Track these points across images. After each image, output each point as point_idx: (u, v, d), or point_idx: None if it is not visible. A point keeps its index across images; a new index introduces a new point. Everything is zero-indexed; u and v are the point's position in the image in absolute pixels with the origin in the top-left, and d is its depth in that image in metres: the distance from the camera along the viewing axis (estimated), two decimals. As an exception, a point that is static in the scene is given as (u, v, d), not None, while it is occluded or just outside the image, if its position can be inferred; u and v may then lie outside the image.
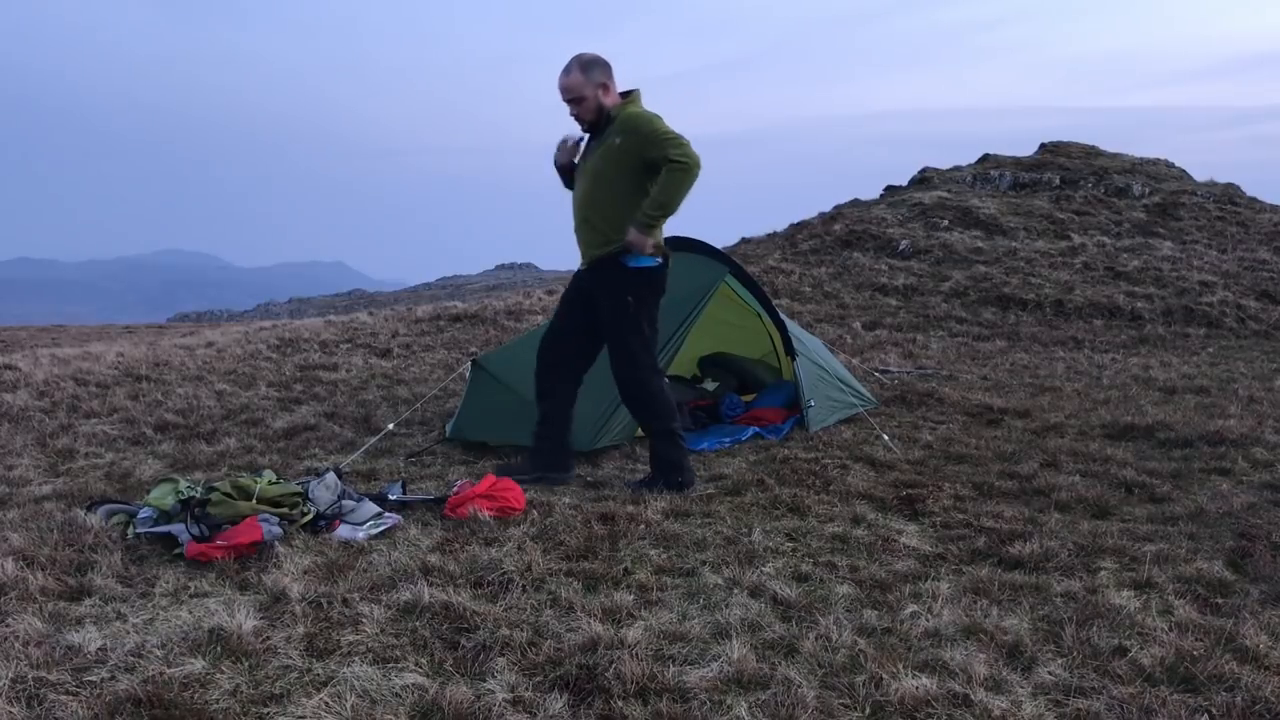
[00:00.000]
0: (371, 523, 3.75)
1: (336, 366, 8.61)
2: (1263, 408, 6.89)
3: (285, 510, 3.72)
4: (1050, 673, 2.61)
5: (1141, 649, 2.73)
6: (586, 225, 4.46)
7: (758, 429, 5.84)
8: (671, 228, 4.57)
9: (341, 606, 2.95)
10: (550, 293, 13.63)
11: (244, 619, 2.76)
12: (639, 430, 5.49)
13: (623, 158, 4.28)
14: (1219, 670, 2.56)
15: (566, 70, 4.27)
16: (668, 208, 4.22)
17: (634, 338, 4.43)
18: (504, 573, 3.23)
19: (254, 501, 3.68)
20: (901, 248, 16.30)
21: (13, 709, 2.30)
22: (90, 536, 3.49)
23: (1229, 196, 19.50)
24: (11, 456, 5.13)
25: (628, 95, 4.39)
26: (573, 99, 4.29)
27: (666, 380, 4.62)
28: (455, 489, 4.14)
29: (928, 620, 2.92)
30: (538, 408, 4.72)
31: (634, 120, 4.27)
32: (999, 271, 14.98)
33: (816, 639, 2.77)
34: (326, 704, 2.36)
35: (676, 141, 4.17)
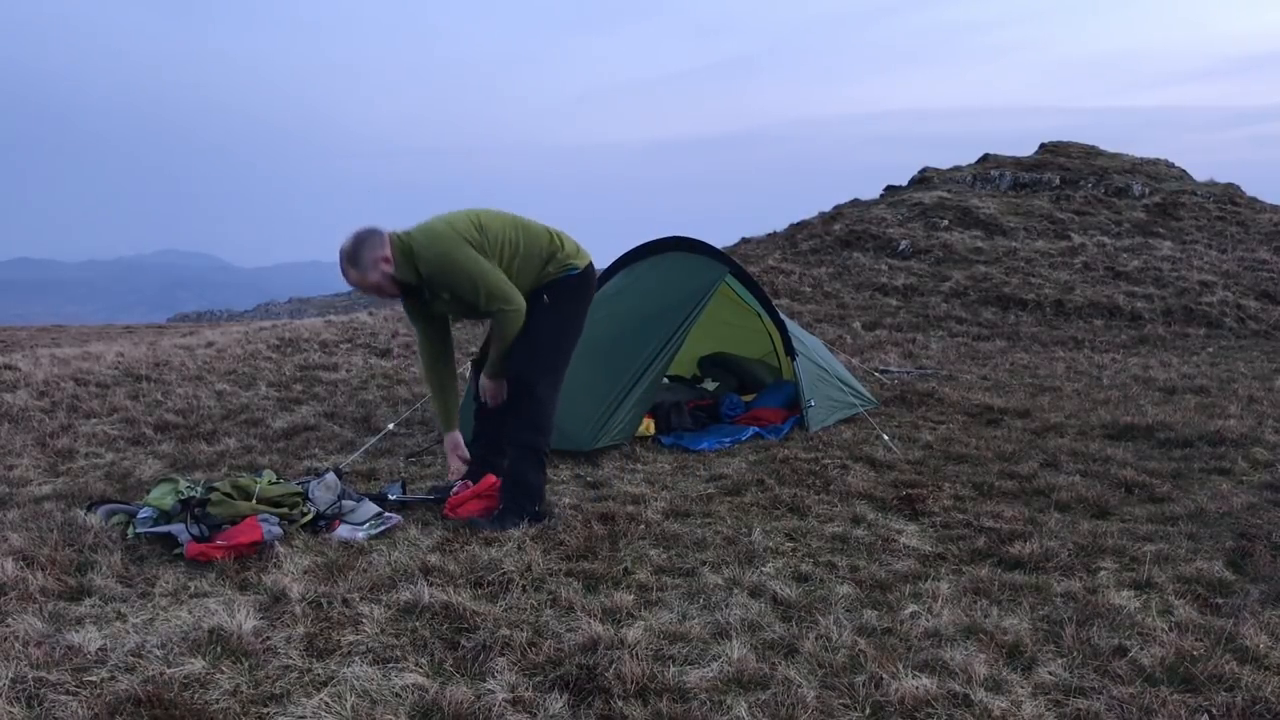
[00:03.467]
0: (371, 523, 3.75)
1: (336, 366, 8.62)
2: (1263, 408, 6.89)
3: (285, 510, 3.72)
4: (1050, 673, 2.61)
5: (1141, 649, 2.72)
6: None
7: (758, 429, 5.84)
8: (672, 229, 4.53)
9: (341, 606, 2.95)
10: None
11: (244, 619, 2.76)
12: (639, 429, 5.50)
13: (459, 302, 3.97)
14: (1219, 670, 2.56)
15: (344, 272, 3.86)
16: (506, 353, 4.00)
17: (541, 335, 4.03)
18: (504, 573, 3.23)
19: (254, 501, 3.68)
20: (901, 248, 16.30)
21: (13, 709, 2.30)
22: (90, 536, 3.49)
23: (1229, 196, 19.51)
24: (11, 456, 5.13)
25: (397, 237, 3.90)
26: (372, 291, 3.92)
27: (557, 402, 4.13)
28: (455, 489, 4.14)
29: (928, 620, 2.92)
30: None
31: (437, 273, 3.87)
32: (999, 271, 14.99)
33: (816, 639, 2.77)
34: (326, 704, 2.36)
35: (491, 294, 3.86)
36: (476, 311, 4.02)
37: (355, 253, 3.81)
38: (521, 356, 4.01)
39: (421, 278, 3.90)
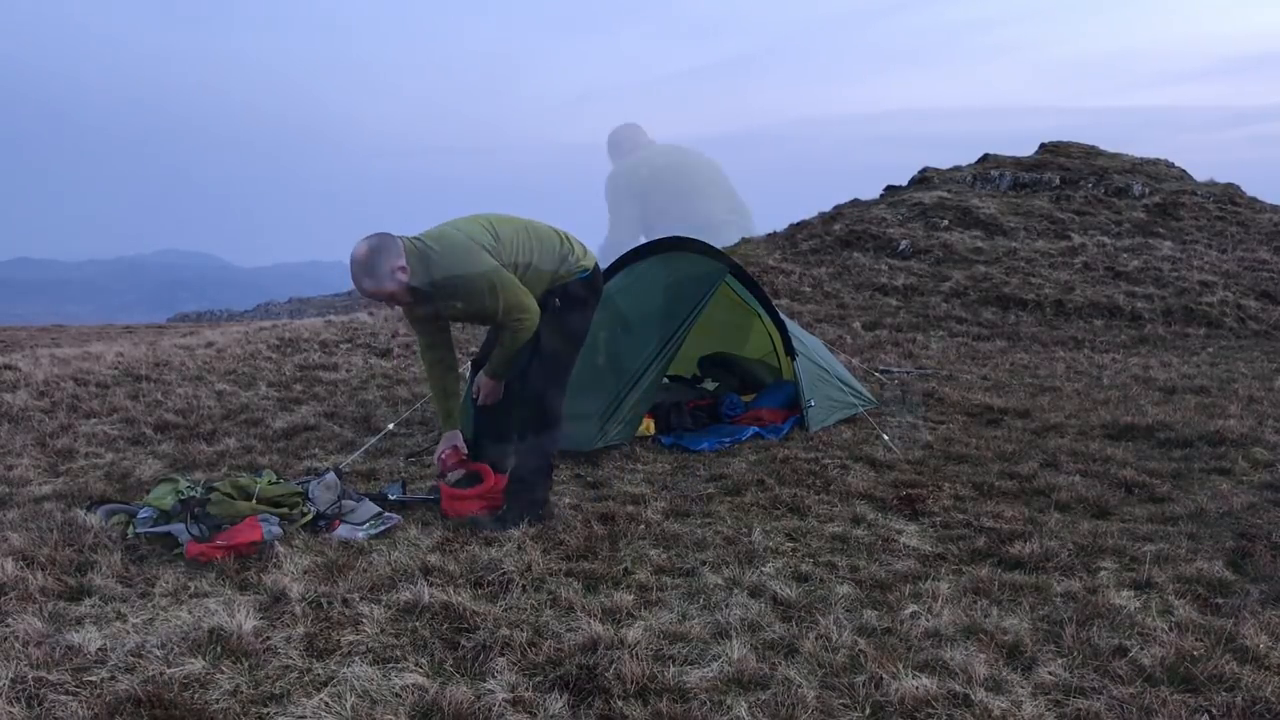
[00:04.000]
0: (371, 523, 3.76)
1: (336, 366, 8.61)
2: (1263, 408, 6.89)
3: (285, 510, 3.72)
4: (1050, 673, 2.61)
5: (1141, 649, 2.73)
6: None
7: (758, 429, 5.84)
8: (672, 229, 4.51)
9: (341, 606, 2.95)
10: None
11: (244, 619, 2.76)
12: (639, 429, 5.50)
13: (473, 310, 3.93)
14: (1219, 670, 2.56)
15: (357, 281, 3.71)
16: (512, 357, 3.97)
17: (553, 338, 4.00)
18: (504, 573, 3.23)
19: (254, 501, 3.68)
20: (901, 248, 16.30)
21: (13, 709, 2.30)
22: (90, 536, 3.49)
23: (1229, 196, 19.50)
24: (11, 456, 5.13)
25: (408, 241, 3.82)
26: (385, 299, 3.81)
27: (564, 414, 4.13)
28: (441, 453, 4.11)
29: (928, 620, 2.92)
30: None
31: (458, 282, 3.79)
32: (999, 271, 14.98)
33: (816, 639, 2.77)
34: (326, 704, 2.36)
35: (510, 304, 3.82)
36: (491, 320, 3.99)
37: (371, 262, 3.65)
38: (532, 359, 3.98)
39: (434, 285, 3.83)
